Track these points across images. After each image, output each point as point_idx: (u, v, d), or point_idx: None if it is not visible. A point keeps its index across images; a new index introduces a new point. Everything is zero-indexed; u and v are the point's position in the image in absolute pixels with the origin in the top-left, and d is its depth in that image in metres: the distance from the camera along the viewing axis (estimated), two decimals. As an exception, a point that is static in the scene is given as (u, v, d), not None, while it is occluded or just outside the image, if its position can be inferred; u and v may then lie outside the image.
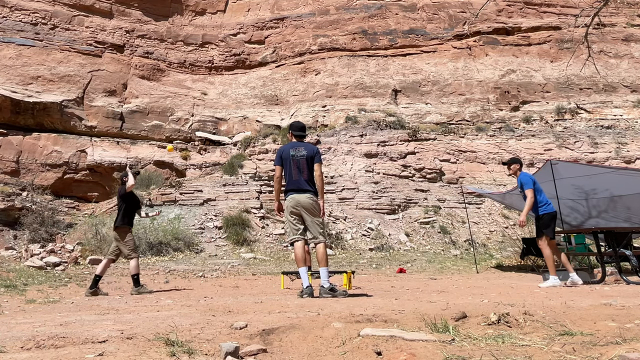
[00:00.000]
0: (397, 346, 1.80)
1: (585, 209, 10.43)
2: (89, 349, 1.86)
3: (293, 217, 4.92)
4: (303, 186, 4.91)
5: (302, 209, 4.87)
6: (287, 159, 4.99)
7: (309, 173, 4.95)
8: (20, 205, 14.59)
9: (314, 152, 5.05)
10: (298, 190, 4.91)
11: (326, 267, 4.82)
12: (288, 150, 5.03)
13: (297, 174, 4.92)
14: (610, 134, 18.40)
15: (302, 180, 4.91)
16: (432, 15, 22.79)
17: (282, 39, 22.74)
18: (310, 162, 4.98)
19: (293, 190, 4.94)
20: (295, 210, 4.89)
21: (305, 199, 4.87)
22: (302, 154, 4.97)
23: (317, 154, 5.04)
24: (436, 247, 13.59)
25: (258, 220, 14.32)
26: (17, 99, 17.29)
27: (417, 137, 18.43)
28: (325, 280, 4.76)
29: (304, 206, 4.87)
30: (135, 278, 6.40)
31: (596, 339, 1.85)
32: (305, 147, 5.07)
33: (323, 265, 4.79)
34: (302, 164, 4.94)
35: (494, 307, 2.75)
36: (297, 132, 5.17)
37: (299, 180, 4.91)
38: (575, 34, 15.58)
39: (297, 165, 4.93)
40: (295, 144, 5.09)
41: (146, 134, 19.31)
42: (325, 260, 4.82)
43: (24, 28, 19.45)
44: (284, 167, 5.00)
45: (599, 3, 8.89)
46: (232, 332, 2.22)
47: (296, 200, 4.88)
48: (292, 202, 4.90)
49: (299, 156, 4.96)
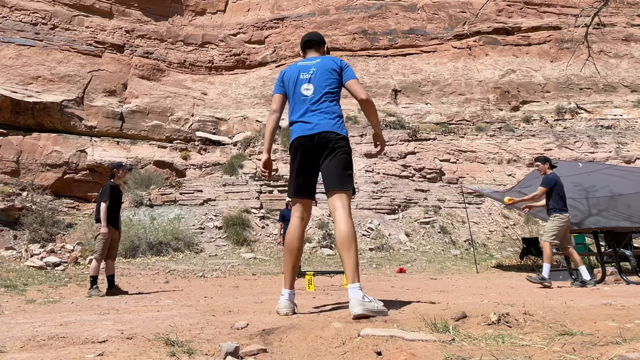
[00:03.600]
0: (397, 346, 1.80)
1: (585, 207, 10.43)
2: (89, 349, 1.86)
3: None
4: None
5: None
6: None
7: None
8: (20, 205, 14.59)
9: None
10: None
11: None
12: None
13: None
14: (610, 134, 18.40)
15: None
16: (432, 15, 22.79)
17: (282, 39, 22.74)
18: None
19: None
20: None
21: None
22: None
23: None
24: (436, 247, 13.59)
25: (258, 220, 14.33)
26: (17, 99, 17.29)
27: (417, 137, 18.43)
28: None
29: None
30: (93, 279, 6.06)
31: (596, 339, 1.85)
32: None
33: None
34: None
35: (494, 307, 2.75)
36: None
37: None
38: (575, 34, 15.58)
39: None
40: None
41: (146, 134, 19.32)
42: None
43: (24, 28, 19.45)
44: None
45: (599, 3, 8.89)
46: (232, 332, 2.22)
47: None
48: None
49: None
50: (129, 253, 11.37)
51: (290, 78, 3.20)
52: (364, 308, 2.45)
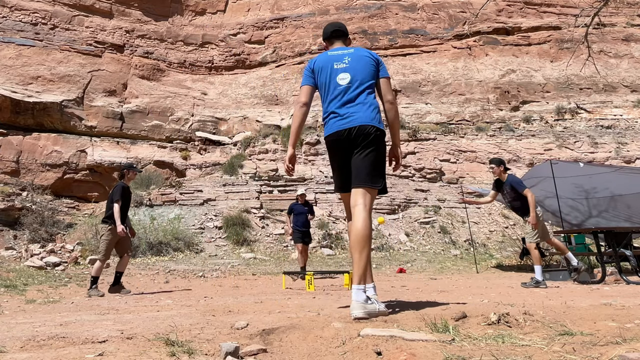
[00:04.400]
0: (397, 346, 1.80)
1: (586, 208, 10.45)
2: (89, 349, 1.86)
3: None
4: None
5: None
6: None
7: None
8: (20, 205, 14.59)
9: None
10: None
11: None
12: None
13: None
14: (610, 134, 18.40)
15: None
16: (432, 15, 22.79)
17: (282, 39, 22.74)
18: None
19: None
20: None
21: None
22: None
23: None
24: (436, 247, 13.59)
25: (258, 220, 14.33)
26: (17, 99, 17.29)
27: (417, 137, 18.43)
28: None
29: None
30: (93, 279, 6.14)
31: (596, 339, 1.85)
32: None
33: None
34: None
35: (494, 307, 2.75)
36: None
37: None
38: (575, 34, 15.58)
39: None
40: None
41: (146, 134, 19.32)
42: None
43: (24, 28, 19.45)
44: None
45: (599, 3, 8.89)
46: (232, 332, 2.22)
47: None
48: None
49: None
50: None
51: (323, 68, 3.03)
52: (365, 311, 2.42)
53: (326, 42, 3.27)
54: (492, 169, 6.99)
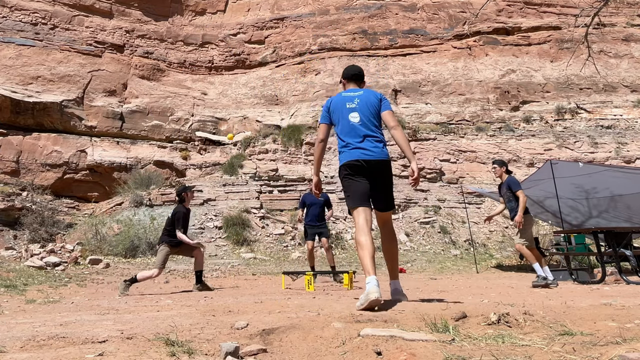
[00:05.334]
0: (397, 346, 1.80)
1: (586, 209, 10.44)
2: (89, 349, 1.86)
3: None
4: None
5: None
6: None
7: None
8: (20, 205, 14.59)
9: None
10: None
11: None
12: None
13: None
14: (610, 134, 18.40)
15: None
16: (432, 15, 22.79)
17: (282, 39, 22.74)
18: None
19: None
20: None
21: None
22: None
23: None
24: (436, 247, 13.59)
25: (258, 220, 14.33)
26: (17, 99, 17.29)
27: (417, 137, 18.43)
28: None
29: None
30: (131, 279, 6.37)
31: (596, 339, 1.85)
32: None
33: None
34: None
35: (494, 307, 2.75)
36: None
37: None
38: (575, 34, 15.58)
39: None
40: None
41: (146, 134, 19.32)
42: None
43: (24, 28, 19.45)
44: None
45: (599, 3, 8.89)
46: (232, 332, 2.22)
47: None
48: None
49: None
50: (129, 253, 11.37)
51: (337, 108, 3.65)
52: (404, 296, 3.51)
53: (344, 81, 3.88)
54: (494, 169, 7.10)
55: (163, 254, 6.60)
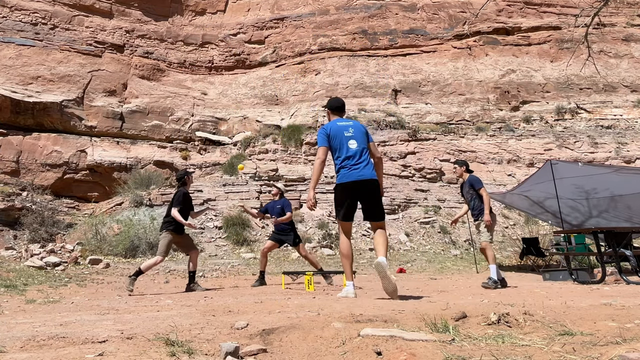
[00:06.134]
0: (397, 346, 1.80)
1: (586, 209, 10.44)
2: (89, 349, 1.86)
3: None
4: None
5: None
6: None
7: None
8: (20, 205, 14.59)
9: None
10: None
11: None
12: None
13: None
14: (610, 134, 18.40)
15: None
16: (432, 15, 22.79)
17: (282, 39, 22.74)
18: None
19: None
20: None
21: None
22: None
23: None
24: (436, 247, 13.59)
25: (258, 220, 14.32)
26: (17, 99, 17.29)
27: (417, 137, 18.43)
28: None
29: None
30: (135, 272, 6.45)
31: (596, 339, 1.85)
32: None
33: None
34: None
35: (494, 307, 2.75)
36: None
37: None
38: (575, 34, 15.58)
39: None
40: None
41: (146, 134, 19.31)
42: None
43: (24, 28, 19.45)
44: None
45: (599, 3, 8.90)
46: (232, 332, 2.22)
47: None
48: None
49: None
50: (129, 253, 11.36)
51: (337, 134, 4.36)
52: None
53: (329, 111, 4.67)
54: (454, 169, 7.11)
55: (166, 241, 6.60)
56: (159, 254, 6.56)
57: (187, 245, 6.97)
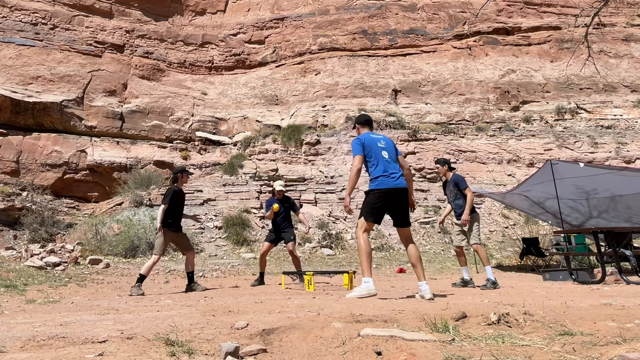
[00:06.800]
0: (397, 346, 1.80)
1: (586, 209, 10.43)
2: (89, 349, 1.86)
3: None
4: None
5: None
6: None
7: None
8: (20, 205, 14.59)
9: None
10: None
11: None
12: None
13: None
14: (610, 134, 18.40)
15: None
16: (432, 15, 22.79)
17: (282, 39, 22.74)
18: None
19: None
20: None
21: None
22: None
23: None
24: (436, 247, 13.59)
25: (258, 220, 14.33)
26: (17, 99, 17.29)
27: (417, 137, 18.43)
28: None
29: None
30: (138, 279, 6.42)
31: (596, 339, 1.85)
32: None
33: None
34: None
35: (494, 307, 2.75)
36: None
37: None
38: (575, 34, 15.58)
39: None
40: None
41: (146, 134, 19.31)
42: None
43: (24, 28, 19.44)
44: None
45: (599, 3, 8.89)
46: (232, 332, 2.22)
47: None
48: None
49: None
50: (129, 253, 11.36)
51: (371, 145, 4.65)
52: (431, 295, 4.29)
53: (359, 126, 4.98)
54: (437, 169, 7.12)
55: (162, 239, 6.60)
56: (155, 253, 6.58)
57: (183, 246, 6.97)
